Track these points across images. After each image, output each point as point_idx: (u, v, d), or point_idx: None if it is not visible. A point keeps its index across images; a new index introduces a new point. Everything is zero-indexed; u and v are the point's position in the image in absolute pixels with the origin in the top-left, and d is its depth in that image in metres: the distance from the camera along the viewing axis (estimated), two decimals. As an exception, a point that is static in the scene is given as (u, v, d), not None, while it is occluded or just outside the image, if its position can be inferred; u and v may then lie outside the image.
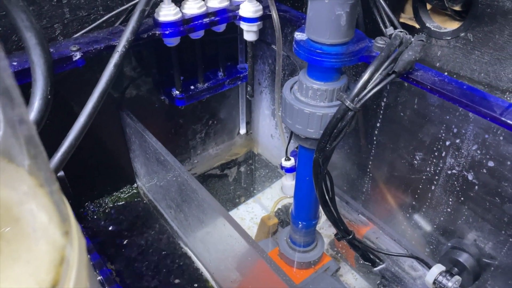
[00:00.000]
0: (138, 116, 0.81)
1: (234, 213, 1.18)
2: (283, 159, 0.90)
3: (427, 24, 1.01)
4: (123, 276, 0.76)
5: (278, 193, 1.13)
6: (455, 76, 1.00)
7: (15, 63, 0.62)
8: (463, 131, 0.60)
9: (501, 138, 0.56)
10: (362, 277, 0.98)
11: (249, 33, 0.81)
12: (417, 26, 1.04)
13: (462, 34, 0.94)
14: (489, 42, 0.90)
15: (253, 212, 1.18)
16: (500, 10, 0.86)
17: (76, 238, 0.32)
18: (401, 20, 1.07)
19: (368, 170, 0.81)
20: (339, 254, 1.04)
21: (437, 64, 1.03)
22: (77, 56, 0.66)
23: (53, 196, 0.32)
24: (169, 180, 0.75)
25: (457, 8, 0.90)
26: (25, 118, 0.30)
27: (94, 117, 0.63)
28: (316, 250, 0.91)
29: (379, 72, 0.59)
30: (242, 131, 1.08)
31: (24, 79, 0.61)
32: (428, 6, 1.03)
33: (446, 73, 1.02)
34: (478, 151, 0.60)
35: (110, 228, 0.85)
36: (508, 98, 0.91)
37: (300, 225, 0.86)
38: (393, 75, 0.59)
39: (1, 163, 0.32)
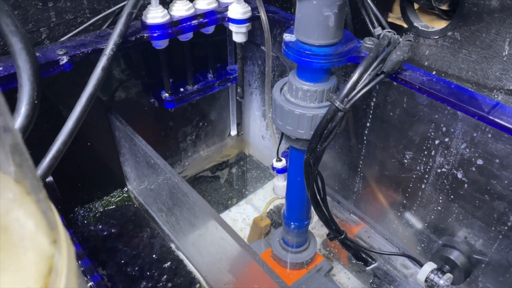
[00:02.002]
0: (128, 119, 0.81)
1: (226, 215, 1.17)
2: (274, 160, 0.90)
3: (415, 24, 1.02)
4: (115, 281, 0.75)
5: (270, 194, 1.13)
6: (443, 74, 1.01)
7: (0, 68, 0.61)
8: (452, 130, 0.61)
9: (489, 136, 0.57)
10: (355, 276, 0.99)
11: (238, 34, 0.81)
12: (405, 25, 1.05)
13: (450, 33, 0.95)
14: (476, 40, 0.91)
15: (245, 213, 1.18)
16: (486, 8, 0.87)
17: (64, 246, 0.31)
18: (389, 19, 1.08)
19: (359, 169, 0.82)
20: (332, 254, 1.04)
21: (425, 63, 1.03)
22: (64, 60, 0.65)
23: (41, 204, 0.31)
24: (160, 184, 0.75)
25: (444, 7, 0.91)
26: (9, 126, 0.29)
27: (83, 121, 0.63)
28: (309, 251, 0.91)
29: (368, 72, 0.59)
30: (233, 132, 1.08)
31: (10, 84, 0.60)
32: (416, 6, 1.03)
33: (434, 72, 1.02)
34: (467, 150, 0.60)
35: (101, 233, 0.84)
36: (496, 96, 0.92)
37: (292, 226, 0.86)
38: (382, 75, 0.59)
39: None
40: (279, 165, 0.90)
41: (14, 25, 0.57)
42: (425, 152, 0.66)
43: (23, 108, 0.58)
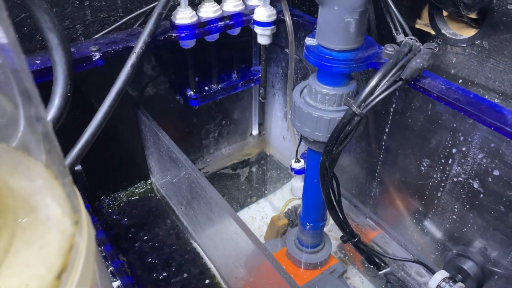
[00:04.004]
0: (154, 115, 0.84)
1: (245, 212, 1.20)
2: (293, 161, 0.92)
3: (443, 31, 1.01)
4: (134, 268, 0.79)
5: (289, 194, 1.15)
6: (469, 83, 1.00)
7: (38, 62, 0.65)
8: (470, 139, 0.61)
9: (507, 146, 0.56)
10: (369, 280, 0.99)
11: (263, 36, 0.83)
12: (433, 32, 1.04)
13: (478, 42, 0.94)
14: (505, 50, 0.90)
15: (263, 212, 1.20)
16: (516, 18, 0.85)
17: (85, 228, 0.34)
18: (417, 26, 1.08)
19: (376, 174, 0.82)
20: (347, 257, 1.05)
21: (452, 71, 1.02)
22: (97, 56, 0.69)
23: (66, 188, 0.35)
24: (181, 178, 0.78)
25: (472, 15, 0.90)
26: (42, 116, 0.32)
27: (112, 114, 0.66)
28: (323, 252, 0.92)
29: (387, 78, 0.60)
30: (255, 132, 1.10)
31: (46, 77, 0.64)
32: (445, 13, 1.03)
33: (460, 81, 1.01)
34: (484, 160, 0.60)
35: (123, 222, 0.88)
36: (523, 107, 0.90)
37: (308, 227, 0.87)
38: (400, 82, 0.60)
39: (20, 156, 0.35)
40: (298, 166, 0.91)
41: (51, 21, 0.61)
42: (442, 160, 0.67)
43: (56, 100, 0.62)
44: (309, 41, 0.66)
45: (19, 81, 0.30)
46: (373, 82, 0.60)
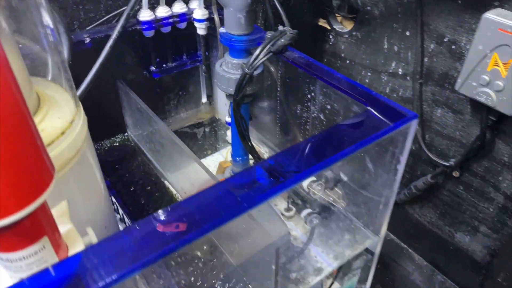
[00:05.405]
0: (128, 87, 1.22)
1: (203, 162, 1.58)
2: (226, 116, 1.31)
3: (334, 26, 1.41)
4: (116, 186, 1.17)
5: (232, 147, 1.53)
6: (353, 63, 1.40)
7: (51, 44, 1.03)
8: (315, 88, 1.01)
9: (330, 91, 0.96)
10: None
11: (200, 29, 1.22)
12: (329, 27, 1.44)
13: (354, 33, 1.35)
14: (369, 38, 1.30)
15: (217, 161, 1.58)
16: (373, 16, 1.26)
17: (81, 114, 0.74)
18: (320, 23, 1.48)
19: (277, 120, 1.22)
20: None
21: (342, 55, 1.43)
22: (87, 40, 1.07)
23: (73, 96, 0.75)
24: (146, 124, 1.17)
25: (345, 15, 1.31)
26: (65, 56, 0.72)
27: (98, 85, 1.02)
28: (248, 179, 1.31)
29: (264, 51, 0.99)
30: (204, 100, 1.49)
31: (56, 53, 1.02)
32: (337, 14, 1.43)
33: (348, 61, 1.42)
34: (323, 100, 1.00)
35: (108, 159, 1.26)
36: (383, 78, 1.31)
37: (237, 160, 1.26)
38: (271, 53, 0.99)
39: (49, 83, 0.75)
40: (230, 119, 1.30)
41: (60, 18, 1.00)
42: (305, 104, 1.06)
43: (63, 66, 1.01)
44: (222, 29, 1.05)
45: (57, 49, 0.70)
46: (255, 53, 0.99)
